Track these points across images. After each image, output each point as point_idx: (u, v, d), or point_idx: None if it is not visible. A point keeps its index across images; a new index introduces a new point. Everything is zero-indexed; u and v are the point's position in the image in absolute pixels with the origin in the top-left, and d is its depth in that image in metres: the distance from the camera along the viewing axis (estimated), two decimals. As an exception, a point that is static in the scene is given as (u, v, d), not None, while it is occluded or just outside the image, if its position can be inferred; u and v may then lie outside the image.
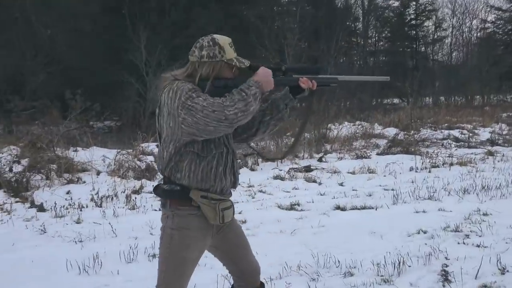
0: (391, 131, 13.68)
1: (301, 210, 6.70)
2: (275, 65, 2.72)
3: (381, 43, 42.00)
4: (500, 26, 40.60)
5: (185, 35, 21.38)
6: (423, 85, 30.48)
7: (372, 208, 6.60)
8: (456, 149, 12.16)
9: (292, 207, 6.84)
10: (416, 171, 9.46)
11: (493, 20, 41.18)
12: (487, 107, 24.96)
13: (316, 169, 9.71)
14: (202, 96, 2.38)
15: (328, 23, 33.05)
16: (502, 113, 20.62)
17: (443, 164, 9.99)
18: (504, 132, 14.92)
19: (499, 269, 4.20)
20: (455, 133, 14.14)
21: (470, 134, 14.53)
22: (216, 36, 2.57)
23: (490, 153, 11.36)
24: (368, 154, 11.28)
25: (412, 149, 11.55)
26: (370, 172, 9.40)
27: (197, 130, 2.38)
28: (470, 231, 5.35)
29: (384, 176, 9.05)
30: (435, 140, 13.05)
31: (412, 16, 40.43)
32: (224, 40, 2.56)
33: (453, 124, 16.06)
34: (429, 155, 11.06)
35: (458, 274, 4.10)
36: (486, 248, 4.76)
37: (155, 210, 6.78)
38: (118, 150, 9.91)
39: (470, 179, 8.26)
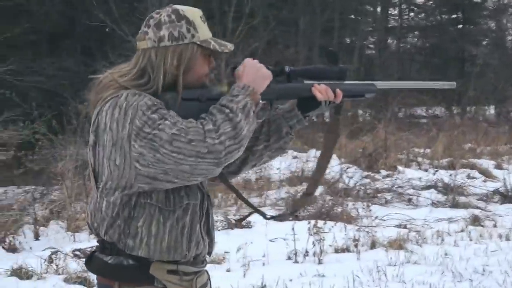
0: (336, 169, 8.38)
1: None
2: (274, 66, 1.73)
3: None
4: None
5: None
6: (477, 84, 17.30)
7: None
8: (431, 210, 7.07)
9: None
10: (295, 261, 4.87)
11: None
12: None
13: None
14: (169, 118, 1.49)
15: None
16: None
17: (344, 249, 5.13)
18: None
19: None
20: (448, 176, 8.38)
21: (482, 179, 9.16)
22: (179, 6, 1.63)
23: (475, 221, 6.22)
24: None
25: (337, 212, 6.59)
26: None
27: (163, 172, 1.48)
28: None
29: None
30: (401, 191, 7.85)
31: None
32: (192, 12, 1.63)
33: (466, 159, 10.29)
34: (354, 225, 6.09)
35: None
36: None
37: None
38: None
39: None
